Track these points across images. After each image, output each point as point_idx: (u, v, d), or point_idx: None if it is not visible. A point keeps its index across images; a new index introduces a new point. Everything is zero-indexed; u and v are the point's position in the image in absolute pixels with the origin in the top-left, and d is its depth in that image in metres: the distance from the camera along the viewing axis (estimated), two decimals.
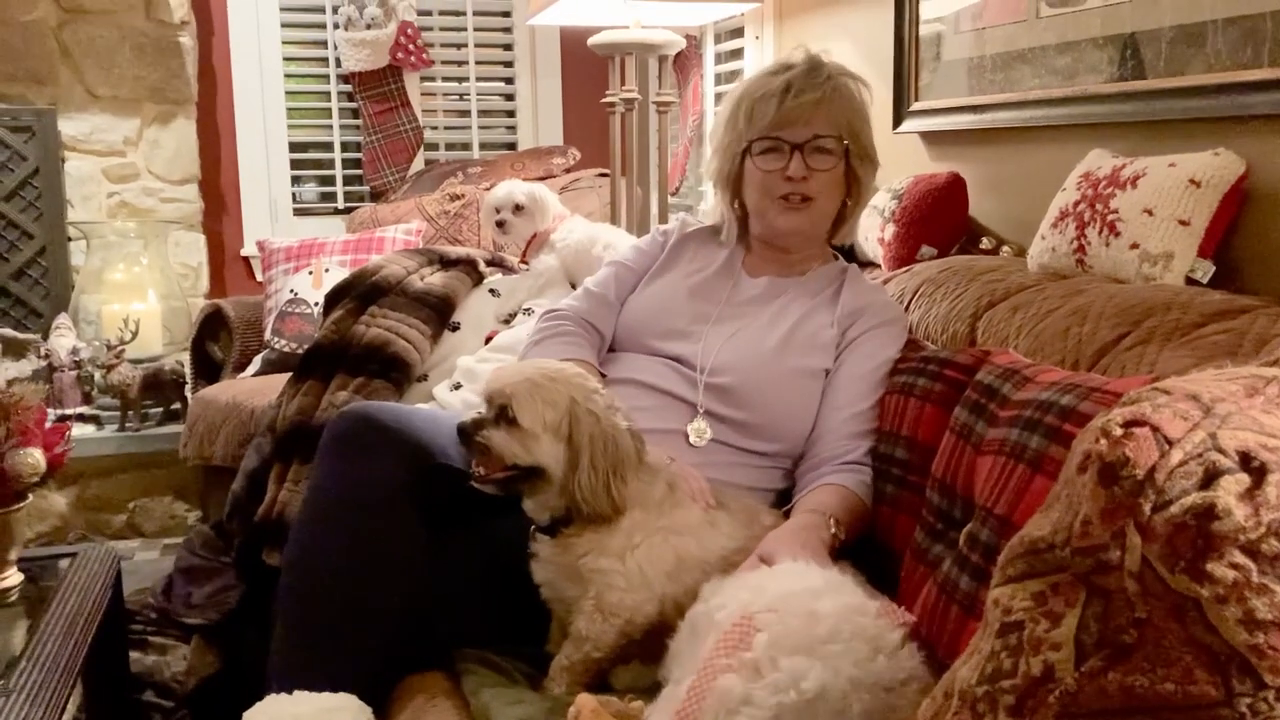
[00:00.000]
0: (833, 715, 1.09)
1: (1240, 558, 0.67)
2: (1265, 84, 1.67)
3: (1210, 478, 0.69)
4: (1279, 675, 0.68)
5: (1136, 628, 0.72)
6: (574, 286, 2.75)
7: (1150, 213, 1.75)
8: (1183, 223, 1.72)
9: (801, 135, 1.88)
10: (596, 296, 2.06)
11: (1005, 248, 2.31)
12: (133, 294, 4.02)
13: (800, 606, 1.21)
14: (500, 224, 2.84)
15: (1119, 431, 0.73)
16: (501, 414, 1.56)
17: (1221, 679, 0.69)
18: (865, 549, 1.68)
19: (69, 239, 4.13)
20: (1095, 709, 0.73)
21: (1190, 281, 1.72)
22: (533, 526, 1.63)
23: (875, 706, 1.09)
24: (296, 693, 1.53)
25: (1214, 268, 1.71)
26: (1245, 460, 0.69)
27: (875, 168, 1.98)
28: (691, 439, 1.81)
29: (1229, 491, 0.68)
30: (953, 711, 0.84)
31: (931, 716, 0.87)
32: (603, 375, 1.89)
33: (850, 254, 2.37)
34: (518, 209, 2.84)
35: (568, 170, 4.23)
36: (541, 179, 3.73)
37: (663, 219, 3.39)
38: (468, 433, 1.57)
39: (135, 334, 3.79)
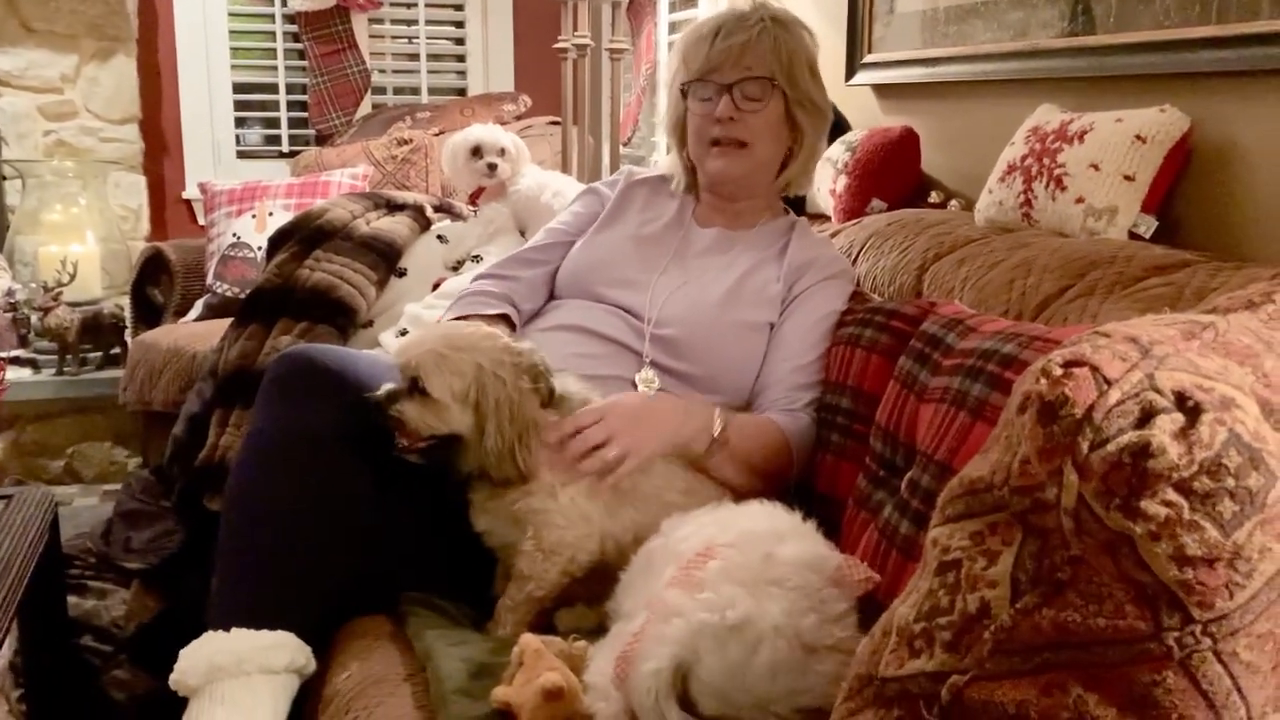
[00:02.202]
0: (743, 649, 1.10)
1: (1173, 495, 0.69)
2: (1211, 41, 1.68)
3: (1146, 417, 0.70)
4: (1206, 610, 0.69)
5: (1071, 565, 0.74)
6: (524, 234, 2.74)
7: (1096, 167, 1.77)
8: (1128, 178, 1.73)
9: (730, 76, 1.89)
10: (516, 257, 2.09)
11: (953, 201, 2.32)
12: (71, 235, 3.92)
13: (760, 545, 1.23)
14: (493, 166, 2.79)
15: (1059, 371, 0.74)
16: (413, 385, 1.56)
17: (1151, 614, 0.70)
18: (809, 498, 1.70)
19: (4, 178, 4.02)
20: (1029, 644, 0.75)
21: (1133, 236, 1.74)
22: (467, 477, 1.63)
23: (789, 659, 1.10)
24: (234, 630, 1.52)
25: (1156, 223, 1.73)
26: (1181, 400, 0.70)
27: (822, 117, 1.97)
28: (640, 389, 1.81)
29: (1164, 430, 0.69)
30: (890, 649, 0.85)
31: (870, 654, 0.88)
32: (512, 327, 1.91)
33: (800, 205, 2.37)
34: (503, 152, 2.81)
35: (519, 117, 4.18)
36: None
37: (614, 169, 3.37)
38: (382, 406, 1.57)
39: (73, 276, 3.71)
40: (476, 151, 2.79)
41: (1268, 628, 0.70)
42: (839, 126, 2.43)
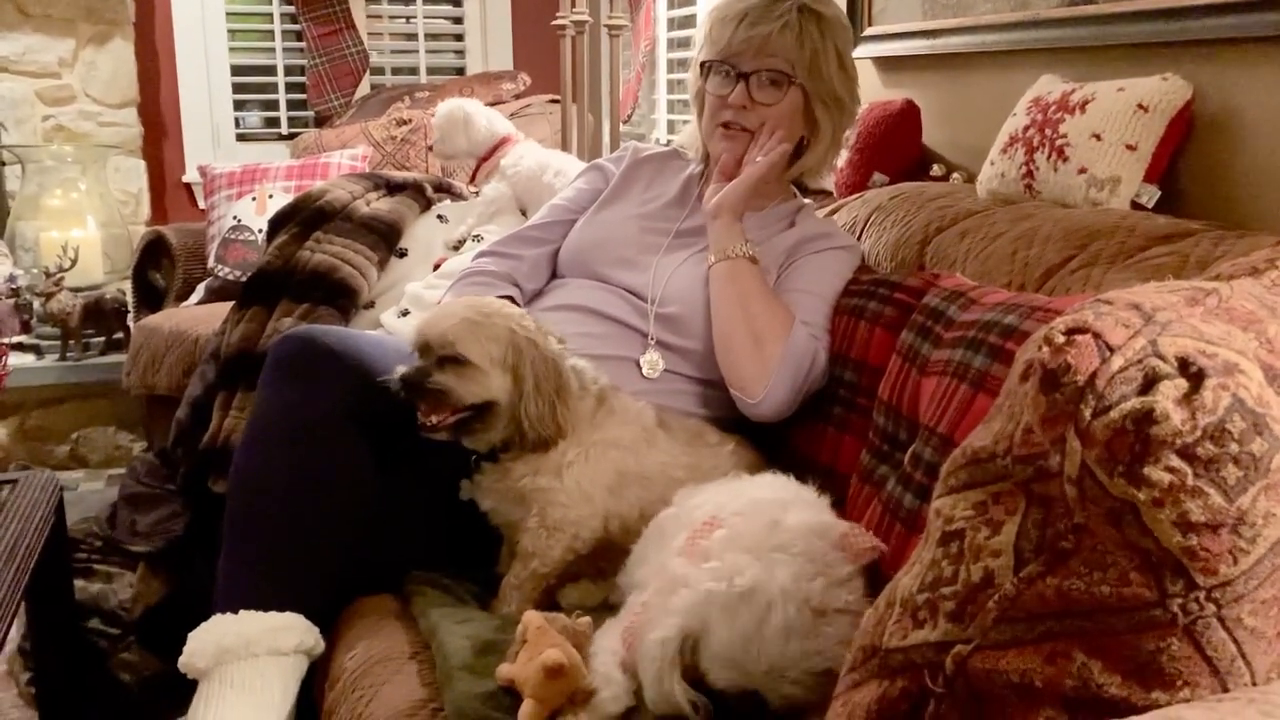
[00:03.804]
0: (754, 616, 1.11)
1: (1176, 461, 0.68)
2: (1212, 8, 1.67)
3: (1149, 383, 0.70)
4: (1210, 576, 0.69)
5: (1074, 533, 0.73)
6: (525, 214, 2.73)
7: (1098, 137, 1.76)
8: (1130, 147, 1.72)
9: (749, 65, 1.86)
10: (517, 235, 2.07)
11: (955, 174, 2.31)
12: (71, 220, 3.92)
13: (766, 513, 1.23)
14: (430, 149, 2.82)
15: (1061, 339, 0.73)
16: (447, 357, 1.55)
17: (1155, 581, 0.70)
18: (813, 471, 1.69)
19: (3, 163, 4.02)
20: (1033, 613, 0.75)
21: (1136, 206, 1.73)
22: (473, 457, 1.63)
23: (799, 622, 1.11)
24: (242, 612, 1.52)
25: (1159, 192, 1.72)
26: (1184, 366, 0.70)
27: (846, 112, 1.94)
28: (644, 370, 1.81)
29: (1167, 396, 0.69)
30: (894, 619, 0.86)
31: (874, 624, 0.88)
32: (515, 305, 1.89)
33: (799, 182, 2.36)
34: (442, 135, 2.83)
35: (518, 96, 4.17)
36: (491, 104, 3.67)
37: (614, 147, 3.35)
38: (416, 382, 1.55)
39: (75, 261, 3.70)
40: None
41: (1272, 593, 0.70)
42: None
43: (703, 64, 1.92)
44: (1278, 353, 0.75)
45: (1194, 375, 0.69)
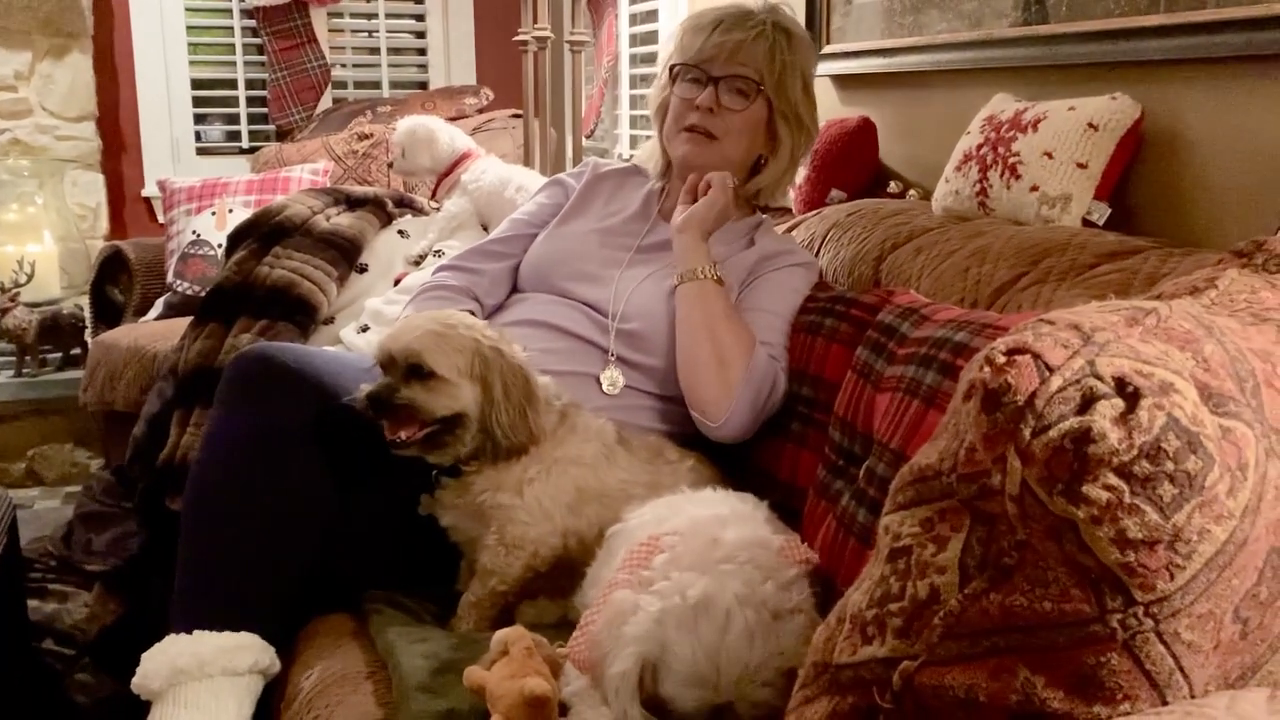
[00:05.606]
0: (714, 626, 1.11)
1: (1114, 479, 0.69)
2: (1161, 29, 1.70)
3: (1087, 403, 0.71)
4: (1148, 592, 0.70)
5: (1017, 550, 0.75)
6: (486, 229, 2.73)
7: (1050, 155, 1.79)
8: (1081, 165, 1.75)
9: (720, 70, 1.89)
10: (478, 249, 2.07)
11: (911, 191, 2.33)
12: (28, 235, 3.88)
13: (704, 532, 1.23)
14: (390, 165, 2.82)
15: (1002, 359, 0.74)
16: (413, 371, 1.54)
17: (1095, 597, 0.71)
18: (771, 485, 1.70)
19: None
20: (978, 628, 0.76)
21: (1087, 223, 1.75)
22: (434, 472, 1.62)
23: (759, 626, 1.11)
24: (196, 632, 1.51)
25: (1109, 210, 1.75)
26: (1121, 386, 0.71)
27: (806, 135, 1.97)
28: (605, 387, 1.81)
29: (1104, 416, 0.70)
30: (844, 635, 0.86)
31: (825, 641, 0.89)
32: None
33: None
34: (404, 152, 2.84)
35: (481, 111, 4.17)
36: (454, 119, 3.67)
37: (577, 162, 3.36)
38: (383, 399, 1.53)
39: (31, 276, 3.67)
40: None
41: (1208, 608, 0.72)
42: None
43: (672, 68, 1.94)
44: (1213, 371, 0.77)
45: (1130, 395, 0.71)
